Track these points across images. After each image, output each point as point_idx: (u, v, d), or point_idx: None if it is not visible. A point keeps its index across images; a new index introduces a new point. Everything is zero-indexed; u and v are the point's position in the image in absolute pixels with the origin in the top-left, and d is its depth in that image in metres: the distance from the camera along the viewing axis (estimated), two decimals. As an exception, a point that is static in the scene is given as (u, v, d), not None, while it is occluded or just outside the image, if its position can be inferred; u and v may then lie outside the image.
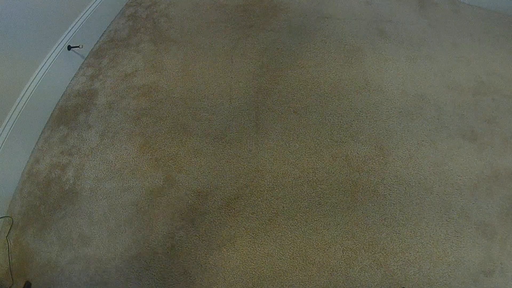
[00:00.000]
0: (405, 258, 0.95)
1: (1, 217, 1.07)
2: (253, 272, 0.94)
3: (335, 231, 1.00)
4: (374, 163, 1.11)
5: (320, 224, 1.01)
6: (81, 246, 1.01)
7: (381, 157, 1.12)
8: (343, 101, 1.26)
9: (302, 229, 1.00)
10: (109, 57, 1.48)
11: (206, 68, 1.40)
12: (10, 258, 1.00)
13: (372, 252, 0.96)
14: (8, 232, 1.05)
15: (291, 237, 0.99)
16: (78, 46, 1.36)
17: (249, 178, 1.10)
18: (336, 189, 1.07)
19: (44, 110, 1.29)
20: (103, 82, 1.38)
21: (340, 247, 0.97)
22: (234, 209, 1.05)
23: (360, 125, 1.20)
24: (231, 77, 1.36)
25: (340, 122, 1.21)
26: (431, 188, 1.06)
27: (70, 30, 1.37)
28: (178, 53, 1.47)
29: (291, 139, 1.18)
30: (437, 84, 1.31)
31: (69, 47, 1.35)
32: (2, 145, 1.07)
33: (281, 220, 1.02)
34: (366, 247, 0.97)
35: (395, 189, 1.06)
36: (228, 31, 1.54)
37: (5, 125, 1.09)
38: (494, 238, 0.97)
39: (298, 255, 0.96)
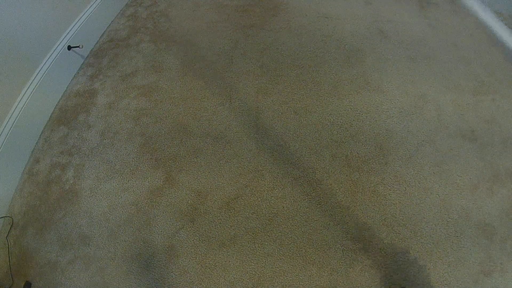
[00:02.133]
0: (405, 258, 0.95)
1: (1, 217, 1.07)
2: (253, 272, 0.94)
3: (335, 231, 1.00)
4: (374, 163, 1.11)
5: (320, 224, 1.01)
6: (81, 246, 1.01)
7: (381, 157, 1.12)
8: (343, 101, 1.26)
9: (302, 229, 1.00)
10: (109, 57, 1.48)
11: (206, 68, 1.40)
12: (10, 258, 1.00)
13: (372, 252, 0.96)
14: (8, 232, 1.05)
15: (291, 237, 0.99)
16: (78, 46, 1.36)
17: (249, 178, 1.10)
18: (336, 189, 1.07)
19: (44, 110, 1.29)
20: (103, 82, 1.38)
21: (340, 247, 0.97)
22: (234, 209, 1.05)
23: (360, 125, 1.20)
24: (231, 77, 1.36)
25: (340, 122, 1.21)
26: (431, 188, 1.06)
27: (70, 30, 1.37)
28: (178, 53, 1.47)
29: (291, 139, 1.18)
30: (437, 84, 1.31)
31: (69, 47, 1.35)
32: (2, 145, 1.07)
33: (281, 220, 1.02)
34: (366, 247, 0.97)
35: (395, 189, 1.06)
36: (228, 31, 1.54)
37: (5, 125, 1.09)
38: (494, 238, 0.97)
39: (298, 255, 0.96)
